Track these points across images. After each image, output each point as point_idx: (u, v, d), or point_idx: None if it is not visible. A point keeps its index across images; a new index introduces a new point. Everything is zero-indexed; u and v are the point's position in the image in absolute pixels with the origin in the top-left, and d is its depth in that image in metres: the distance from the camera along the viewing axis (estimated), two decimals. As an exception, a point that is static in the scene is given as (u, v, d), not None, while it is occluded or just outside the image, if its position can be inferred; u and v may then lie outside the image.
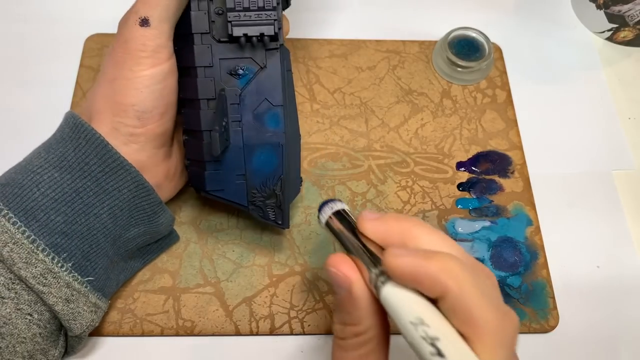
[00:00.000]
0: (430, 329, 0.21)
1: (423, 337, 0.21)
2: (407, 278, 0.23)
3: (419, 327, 0.21)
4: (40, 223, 0.30)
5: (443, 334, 0.21)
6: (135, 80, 0.32)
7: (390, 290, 0.23)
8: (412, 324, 0.22)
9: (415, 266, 0.23)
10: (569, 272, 0.41)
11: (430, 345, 0.21)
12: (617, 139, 0.46)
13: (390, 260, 0.23)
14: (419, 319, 0.22)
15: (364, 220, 0.26)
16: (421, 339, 0.21)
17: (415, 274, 0.23)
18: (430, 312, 0.22)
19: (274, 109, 0.34)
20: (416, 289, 0.23)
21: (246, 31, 0.32)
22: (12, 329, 0.30)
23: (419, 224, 0.26)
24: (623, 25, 0.49)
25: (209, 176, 0.34)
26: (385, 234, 0.26)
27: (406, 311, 0.22)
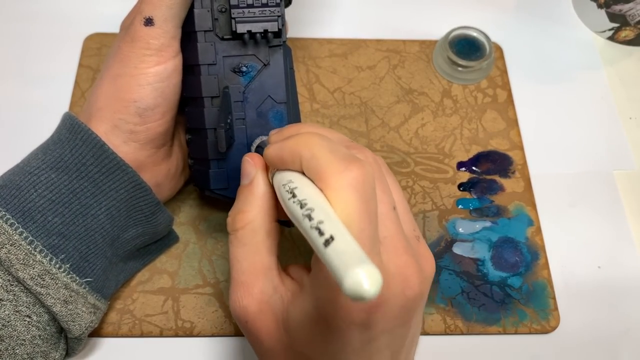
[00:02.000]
0: (293, 184, 0.25)
1: (287, 190, 0.25)
2: (277, 161, 0.27)
3: (286, 185, 0.25)
4: (38, 224, 0.30)
5: (301, 185, 0.25)
6: (139, 77, 0.32)
7: (277, 174, 0.27)
8: (283, 185, 0.25)
9: (279, 149, 0.27)
10: (570, 273, 0.40)
11: (288, 193, 0.25)
12: (618, 138, 0.46)
13: (265, 152, 0.28)
14: (288, 180, 0.25)
15: (270, 135, 0.31)
16: (286, 192, 0.25)
17: (280, 155, 0.27)
18: (299, 177, 0.26)
19: (277, 106, 0.34)
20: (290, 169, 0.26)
21: (250, 28, 0.32)
22: (11, 331, 0.30)
23: (308, 124, 0.30)
24: (624, 25, 0.48)
25: (213, 175, 0.34)
26: (282, 137, 0.29)
27: (281, 178, 0.26)
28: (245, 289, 0.28)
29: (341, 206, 0.24)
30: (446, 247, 0.40)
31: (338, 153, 0.25)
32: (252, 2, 0.32)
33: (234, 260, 0.29)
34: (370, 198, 0.25)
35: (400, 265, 0.26)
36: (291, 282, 0.28)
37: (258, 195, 0.29)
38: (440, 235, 0.41)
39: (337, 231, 0.21)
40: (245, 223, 0.28)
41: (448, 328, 0.38)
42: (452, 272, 0.39)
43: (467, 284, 0.39)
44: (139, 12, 0.32)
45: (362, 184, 0.24)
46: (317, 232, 0.22)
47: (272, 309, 0.27)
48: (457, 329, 0.38)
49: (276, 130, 0.31)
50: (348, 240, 0.21)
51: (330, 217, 0.23)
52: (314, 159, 0.25)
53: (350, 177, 0.24)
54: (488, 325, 0.38)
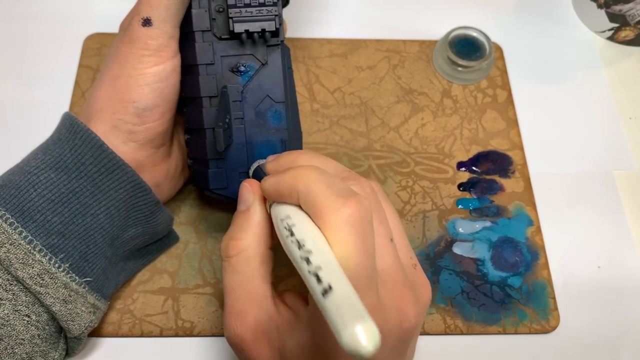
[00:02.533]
0: (291, 220, 0.25)
1: (285, 227, 0.25)
2: (274, 194, 0.27)
3: (284, 221, 0.25)
4: (37, 224, 0.30)
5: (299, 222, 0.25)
6: (138, 78, 0.32)
7: (275, 207, 0.27)
8: (281, 220, 0.26)
9: (275, 182, 0.27)
10: (569, 273, 0.40)
11: (287, 230, 0.25)
12: (618, 139, 0.46)
13: (262, 185, 0.28)
14: (286, 215, 0.26)
15: (267, 163, 0.31)
16: (284, 228, 0.25)
17: (276, 189, 0.27)
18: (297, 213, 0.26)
19: (276, 105, 0.34)
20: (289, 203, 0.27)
21: (247, 27, 0.32)
22: (10, 330, 0.30)
23: (303, 153, 0.30)
24: (624, 25, 0.48)
25: (212, 174, 0.34)
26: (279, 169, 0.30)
27: (279, 213, 0.26)
28: (239, 317, 0.28)
29: (339, 244, 0.24)
30: (446, 247, 0.40)
31: (334, 188, 0.25)
32: (250, 1, 0.32)
33: (228, 288, 0.28)
34: (368, 233, 0.25)
35: (397, 298, 0.26)
36: (286, 310, 0.28)
37: (254, 223, 0.29)
38: (440, 235, 0.41)
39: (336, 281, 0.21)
40: (240, 250, 0.28)
41: (448, 328, 0.38)
42: (452, 272, 0.39)
43: (467, 283, 0.39)
44: (136, 12, 0.32)
45: (359, 221, 0.24)
46: (315, 278, 0.22)
47: (268, 337, 0.27)
48: (457, 329, 0.38)
49: (273, 157, 0.31)
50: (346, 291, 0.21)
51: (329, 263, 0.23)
52: (310, 195, 0.25)
53: (347, 214, 0.24)
54: (488, 325, 0.38)
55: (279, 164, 0.30)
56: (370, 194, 0.28)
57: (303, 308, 0.28)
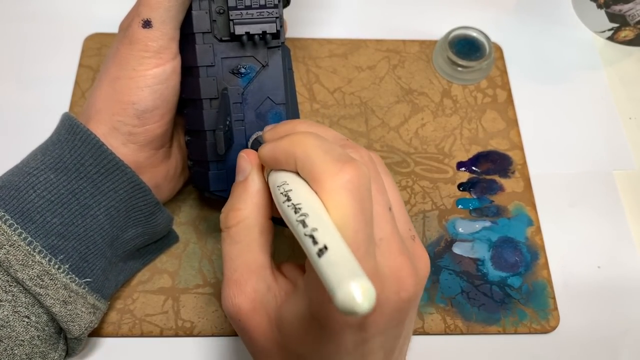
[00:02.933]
0: (288, 185, 0.25)
1: (282, 192, 0.25)
2: (271, 161, 0.27)
3: (281, 187, 0.25)
4: (37, 225, 0.30)
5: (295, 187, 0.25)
6: (138, 79, 0.32)
7: (272, 174, 0.27)
8: (278, 186, 0.25)
9: (272, 148, 0.26)
10: (569, 273, 0.40)
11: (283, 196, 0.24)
12: (618, 139, 0.46)
13: (259, 152, 0.28)
14: (283, 181, 0.25)
15: (264, 132, 0.31)
16: (281, 194, 0.25)
17: (273, 155, 0.26)
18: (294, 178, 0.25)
19: (276, 107, 0.34)
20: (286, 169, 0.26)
21: (248, 29, 0.32)
22: (9, 331, 0.30)
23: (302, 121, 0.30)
24: (624, 25, 0.48)
25: (212, 176, 0.34)
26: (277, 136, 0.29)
27: (276, 179, 0.26)
28: (237, 287, 0.27)
29: (336, 209, 0.23)
30: (446, 247, 0.40)
31: (332, 153, 0.25)
32: (250, 3, 0.32)
33: (227, 258, 0.28)
34: (366, 199, 0.24)
35: (395, 267, 0.25)
36: (285, 281, 0.28)
37: (252, 192, 0.28)
38: (440, 235, 0.41)
39: (331, 240, 0.21)
40: (239, 220, 0.28)
41: (448, 328, 0.38)
42: (452, 272, 0.39)
43: (467, 283, 0.39)
44: (136, 14, 0.31)
45: (356, 186, 0.24)
46: (311, 240, 0.21)
47: (265, 308, 0.27)
48: (457, 328, 0.38)
49: (271, 126, 0.31)
50: (342, 250, 0.21)
51: (325, 224, 0.22)
52: (308, 160, 0.25)
53: (344, 178, 0.24)
54: (488, 325, 0.38)
55: (277, 132, 0.29)
56: (369, 162, 0.27)
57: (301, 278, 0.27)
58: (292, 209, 0.23)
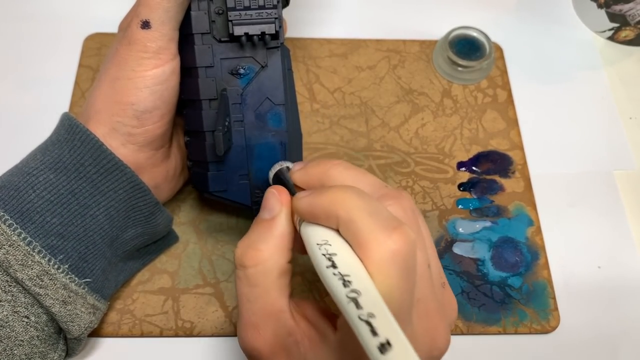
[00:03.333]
0: (331, 247, 0.23)
1: (324, 254, 0.23)
2: (308, 215, 0.25)
3: (322, 247, 0.24)
4: (36, 225, 0.30)
5: (340, 252, 0.23)
6: (137, 80, 0.32)
7: (308, 226, 0.26)
8: (318, 245, 0.24)
9: (311, 204, 0.25)
10: (570, 273, 0.40)
11: (326, 259, 0.23)
12: (619, 139, 0.46)
13: (294, 203, 0.26)
14: (324, 240, 0.24)
15: (293, 172, 0.29)
16: (322, 256, 0.23)
17: (312, 210, 0.25)
18: (336, 239, 0.24)
19: (275, 108, 0.34)
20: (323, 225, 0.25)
21: (247, 30, 0.32)
22: (9, 331, 0.30)
23: (336, 164, 0.28)
24: (624, 25, 0.48)
25: (212, 177, 0.34)
26: (308, 180, 0.28)
27: (315, 235, 0.24)
28: (255, 331, 0.26)
29: (382, 280, 0.22)
30: (446, 247, 0.40)
31: (379, 217, 0.23)
32: (249, 4, 0.32)
33: (243, 299, 0.27)
34: (412, 268, 0.24)
35: (430, 329, 0.25)
36: (307, 326, 0.27)
37: (277, 234, 0.27)
38: (440, 235, 0.41)
39: (394, 335, 0.20)
40: (258, 262, 0.26)
41: (448, 328, 0.38)
42: (452, 272, 0.39)
43: (467, 284, 0.39)
44: (135, 15, 0.31)
45: (404, 256, 0.23)
46: (369, 328, 0.20)
47: (287, 353, 0.26)
48: (457, 329, 0.38)
49: (300, 166, 0.29)
50: (407, 351, 0.20)
51: (382, 311, 0.21)
52: (353, 224, 0.23)
53: (393, 249, 0.23)
54: (488, 325, 0.38)
55: (309, 174, 0.28)
56: (412, 217, 0.26)
57: (327, 328, 0.26)
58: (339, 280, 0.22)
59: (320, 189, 0.25)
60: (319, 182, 0.28)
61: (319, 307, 0.28)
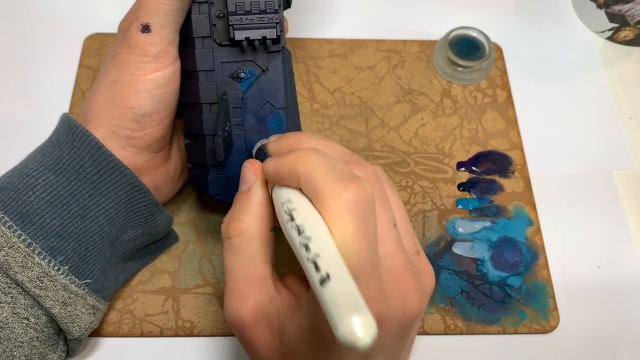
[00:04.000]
0: (292, 204, 0.25)
1: (285, 211, 0.25)
2: (275, 177, 0.27)
3: (285, 205, 0.25)
4: (36, 226, 0.30)
5: (299, 206, 0.24)
6: (137, 84, 0.31)
7: (276, 190, 0.27)
8: (282, 203, 0.25)
9: (275, 166, 0.26)
10: (569, 273, 0.40)
11: (287, 215, 0.24)
12: (618, 138, 0.46)
13: (263, 168, 0.28)
14: (287, 199, 0.25)
15: (269, 143, 0.31)
16: (284, 212, 0.25)
17: (277, 172, 0.26)
18: (297, 196, 0.25)
19: (276, 111, 0.34)
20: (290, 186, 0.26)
21: (248, 35, 0.32)
22: (8, 333, 0.30)
23: (307, 135, 0.29)
24: (624, 25, 0.48)
25: (212, 180, 0.34)
26: (282, 150, 0.29)
27: (280, 196, 0.26)
28: (240, 298, 0.27)
29: (339, 229, 0.23)
30: (446, 247, 0.40)
31: (335, 171, 0.24)
32: (250, 8, 0.32)
33: (228, 268, 0.28)
34: (370, 218, 0.24)
35: (399, 285, 0.26)
36: (287, 293, 0.28)
37: (255, 203, 0.28)
38: (440, 235, 0.41)
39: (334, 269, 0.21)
40: (240, 231, 0.28)
41: (448, 328, 0.38)
42: (451, 272, 0.39)
43: (466, 283, 0.39)
44: (135, 18, 0.31)
45: (360, 205, 0.24)
46: (314, 266, 0.21)
47: (268, 319, 0.27)
48: (457, 328, 0.38)
49: (275, 137, 0.31)
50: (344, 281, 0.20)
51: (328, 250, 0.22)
52: (311, 179, 0.25)
53: (348, 198, 0.24)
54: (488, 325, 0.38)
55: (281, 145, 0.30)
56: (374, 178, 0.27)
57: (304, 292, 0.27)
58: (295, 230, 0.23)
59: (285, 153, 0.27)
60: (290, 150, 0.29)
61: (300, 277, 0.28)
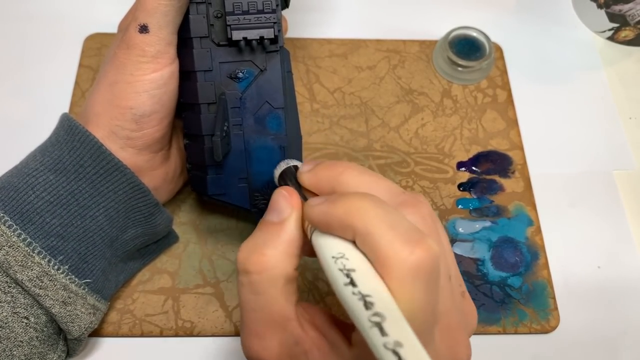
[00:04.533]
0: (349, 262, 0.22)
1: (340, 269, 0.22)
2: (322, 225, 0.23)
3: (338, 261, 0.22)
4: (36, 226, 0.30)
5: (359, 268, 0.22)
6: (135, 84, 0.31)
7: (321, 236, 0.24)
8: (334, 258, 0.22)
9: (325, 213, 0.23)
10: (569, 273, 0.40)
11: (344, 275, 0.21)
12: (618, 138, 0.46)
13: (307, 211, 0.24)
14: (340, 253, 0.22)
15: (301, 173, 0.28)
16: (339, 271, 0.22)
17: (326, 220, 0.23)
18: (353, 252, 0.22)
19: (275, 111, 0.34)
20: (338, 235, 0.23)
21: (246, 35, 0.32)
22: (8, 332, 0.30)
23: (349, 168, 0.26)
24: (624, 25, 0.48)
25: (210, 180, 0.34)
26: (318, 183, 0.27)
27: (330, 248, 0.23)
28: (261, 341, 0.25)
29: (405, 300, 0.21)
30: (446, 247, 0.40)
31: (399, 229, 0.22)
32: (248, 8, 0.31)
33: (247, 307, 0.25)
34: (435, 284, 0.22)
35: (452, 344, 0.24)
36: (316, 335, 0.25)
37: (285, 239, 0.25)
38: (440, 235, 0.41)
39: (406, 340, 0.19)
40: (263, 268, 0.24)
41: (448, 328, 0.38)
42: (452, 272, 0.39)
43: (467, 283, 0.39)
44: (133, 19, 0.31)
45: (428, 272, 0.21)
46: (396, 357, 0.19)
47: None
48: (457, 328, 0.38)
49: (309, 166, 0.28)
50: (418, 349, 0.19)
51: (410, 340, 0.19)
52: (371, 237, 0.22)
53: (416, 265, 0.21)
54: (488, 325, 0.38)
55: (318, 178, 0.27)
56: (432, 226, 0.24)
57: (339, 339, 0.25)
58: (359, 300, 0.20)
59: (335, 197, 0.24)
60: (330, 186, 0.26)
61: (328, 315, 0.26)
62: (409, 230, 0.22)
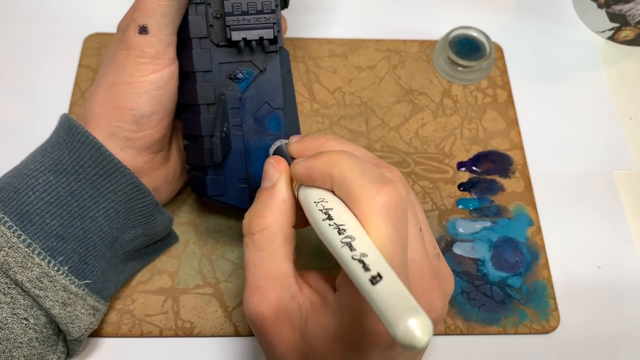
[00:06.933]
0: (327, 203, 0.25)
1: (320, 209, 0.25)
2: (305, 178, 0.27)
3: (319, 204, 0.25)
4: (36, 227, 0.30)
5: (336, 206, 0.25)
6: (135, 85, 0.31)
7: (305, 189, 0.27)
8: (315, 202, 0.25)
9: (307, 167, 0.27)
10: (570, 273, 0.40)
11: (323, 213, 0.24)
12: (619, 138, 0.46)
13: (292, 168, 0.28)
14: (321, 198, 0.26)
15: (290, 144, 0.31)
16: (319, 211, 0.25)
17: (308, 173, 0.27)
18: (331, 197, 0.26)
19: (274, 112, 0.34)
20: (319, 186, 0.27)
21: (245, 35, 0.32)
22: (8, 333, 0.30)
23: (331, 138, 0.30)
24: (624, 25, 0.48)
25: (210, 181, 0.34)
26: (304, 151, 0.30)
27: (312, 196, 0.26)
28: (261, 295, 0.27)
29: (374, 232, 0.24)
30: (446, 247, 0.40)
31: (370, 175, 0.25)
32: (247, 9, 0.31)
33: (250, 264, 0.28)
34: (402, 222, 0.25)
35: (425, 290, 0.26)
36: (310, 291, 0.28)
37: (279, 200, 0.28)
38: (440, 235, 0.41)
39: (384, 269, 0.21)
40: (263, 227, 0.28)
41: (448, 328, 0.38)
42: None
43: (467, 284, 0.39)
44: (132, 20, 0.31)
45: (394, 208, 0.24)
46: (361, 265, 0.21)
47: (289, 317, 0.27)
48: (457, 329, 0.38)
49: (297, 138, 0.31)
50: (396, 281, 0.21)
51: (374, 250, 0.22)
52: (345, 181, 0.25)
53: (382, 201, 0.24)
54: (488, 325, 0.38)
55: (305, 146, 0.30)
56: (401, 181, 0.27)
57: (329, 291, 0.27)
58: (334, 229, 0.23)
59: (316, 154, 0.27)
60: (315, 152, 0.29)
61: (321, 275, 0.29)
62: (378, 175, 0.25)
